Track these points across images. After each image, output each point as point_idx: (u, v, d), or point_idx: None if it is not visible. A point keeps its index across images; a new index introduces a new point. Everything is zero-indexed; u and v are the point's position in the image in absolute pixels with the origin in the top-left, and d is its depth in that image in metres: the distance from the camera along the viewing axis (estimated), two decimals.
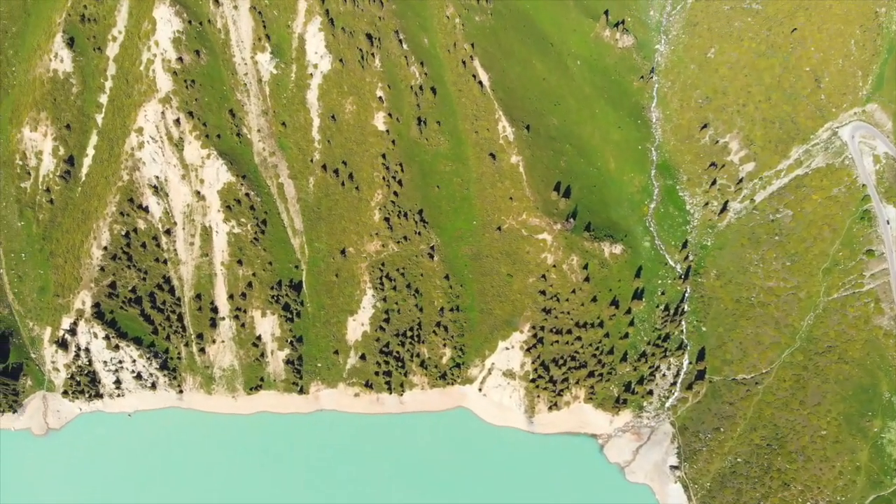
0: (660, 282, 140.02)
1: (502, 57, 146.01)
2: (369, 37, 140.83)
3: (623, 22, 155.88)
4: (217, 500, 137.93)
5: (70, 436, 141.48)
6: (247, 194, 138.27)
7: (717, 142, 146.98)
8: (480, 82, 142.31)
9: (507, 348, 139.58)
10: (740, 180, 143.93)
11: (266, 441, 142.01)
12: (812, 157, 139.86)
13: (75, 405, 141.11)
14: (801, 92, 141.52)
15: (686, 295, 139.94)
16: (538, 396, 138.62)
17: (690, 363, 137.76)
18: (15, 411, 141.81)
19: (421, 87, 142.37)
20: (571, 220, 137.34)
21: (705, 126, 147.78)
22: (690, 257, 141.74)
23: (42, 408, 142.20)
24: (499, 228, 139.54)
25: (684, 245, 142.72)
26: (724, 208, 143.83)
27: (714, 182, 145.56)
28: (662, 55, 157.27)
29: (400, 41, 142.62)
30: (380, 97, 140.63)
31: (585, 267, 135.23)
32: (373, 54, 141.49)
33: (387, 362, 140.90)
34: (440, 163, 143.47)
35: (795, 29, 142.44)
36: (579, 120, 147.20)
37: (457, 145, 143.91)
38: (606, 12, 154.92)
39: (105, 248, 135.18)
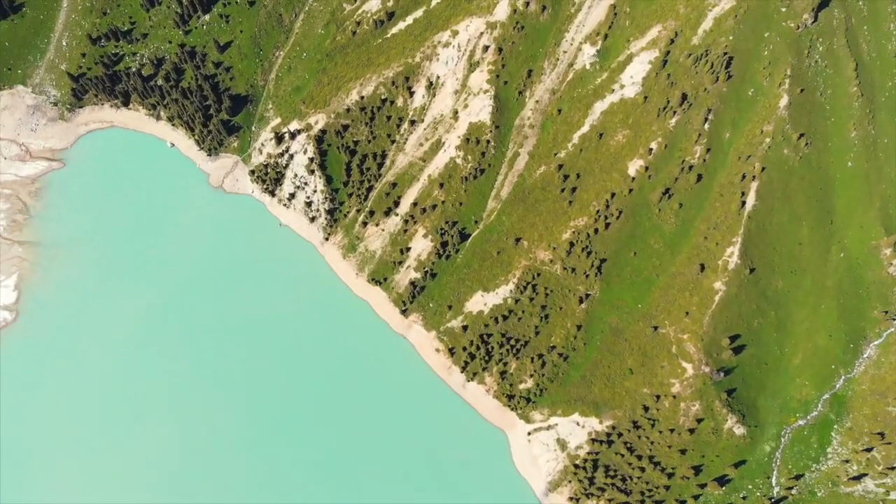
0: (749, 487, 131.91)
1: (779, 197, 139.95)
2: (684, 96, 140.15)
3: None
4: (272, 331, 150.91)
5: (230, 204, 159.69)
6: (488, 141, 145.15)
7: None
8: (744, 202, 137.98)
9: (578, 424, 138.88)
10: (893, 467, 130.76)
11: (350, 324, 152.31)
12: None
13: (251, 186, 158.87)
14: None
15: None
16: (569, 481, 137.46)
17: None
18: (209, 155, 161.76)
19: (690, 167, 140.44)
20: (722, 373, 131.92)
21: None
22: (794, 491, 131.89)
23: (228, 169, 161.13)
24: (655, 328, 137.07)
25: (798, 477, 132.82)
26: (858, 478, 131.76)
27: (870, 450, 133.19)
28: None
29: (706, 119, 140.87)
30: (651, 149, 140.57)
31: (699, 420, 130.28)
32: (674, 112, 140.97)
33: (478, 348, 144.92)
34: (653, 237, 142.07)
35: None
36: (800, 301, 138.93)
37: (679, 235, 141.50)
38: None
39: (361, 98, 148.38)
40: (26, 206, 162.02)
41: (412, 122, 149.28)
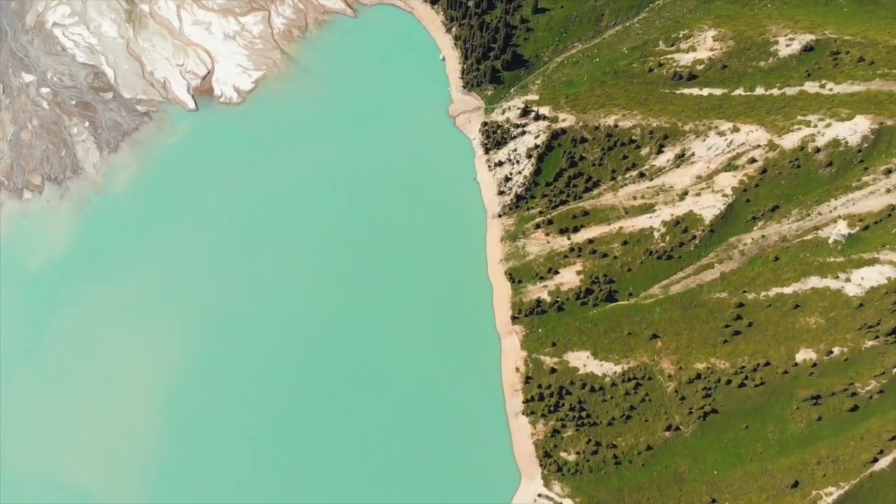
0: None
1: None
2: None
3: None
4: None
5: (451, 136, 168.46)
6: (694, 237, 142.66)
7: None
8: (876, 460, 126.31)
9: None
10: None
11: (466, 293, 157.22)
12: None
13: (476, 134, 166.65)
14: None
15: None
16: None
17: None
18: (464, 87, 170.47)
19: (853, 394, 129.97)
20: None
21: None
22: None
23: (469, 109, 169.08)
24: (713, 500, 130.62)
25: None
26: None
27: None
28: None
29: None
30: (831, 352, 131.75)
31: None
32: (877, 336, 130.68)
33: (551, 395, 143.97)
34: (772, 426, 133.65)
35: None
36: None
37: (797, 442, 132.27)
38: None
39: (615, 126, 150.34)
40: (306, 27, 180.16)
41: (641, 175, 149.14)
